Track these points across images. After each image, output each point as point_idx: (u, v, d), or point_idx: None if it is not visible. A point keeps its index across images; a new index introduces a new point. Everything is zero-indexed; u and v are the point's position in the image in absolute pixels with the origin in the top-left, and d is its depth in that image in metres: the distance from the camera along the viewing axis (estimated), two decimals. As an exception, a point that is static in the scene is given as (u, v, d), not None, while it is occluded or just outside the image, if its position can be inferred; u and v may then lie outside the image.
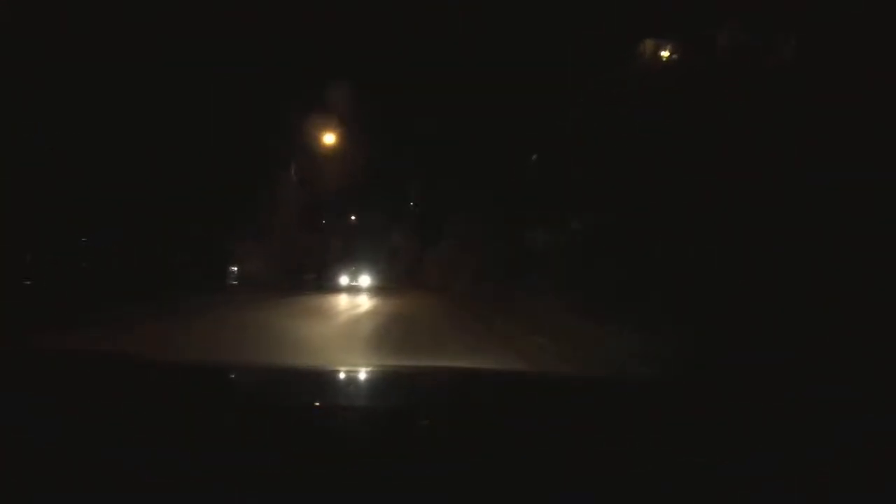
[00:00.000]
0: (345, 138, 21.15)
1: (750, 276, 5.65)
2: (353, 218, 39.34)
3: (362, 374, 1.94)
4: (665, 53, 9.33)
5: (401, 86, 20.15)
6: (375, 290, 23.55)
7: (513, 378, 2.32)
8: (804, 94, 5.44)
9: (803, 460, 0.91)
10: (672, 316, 6.06)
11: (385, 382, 1.80)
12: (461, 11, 14.31)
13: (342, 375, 1.92)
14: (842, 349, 3.72)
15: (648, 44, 9.48)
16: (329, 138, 20.69)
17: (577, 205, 11.42)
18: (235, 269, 21.93)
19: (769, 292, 5.19)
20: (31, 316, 7.71)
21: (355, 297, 18.55)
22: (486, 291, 14.27)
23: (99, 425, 0.99)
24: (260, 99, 16.95)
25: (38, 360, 1.63)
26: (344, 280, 25.56)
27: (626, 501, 0.79)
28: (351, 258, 30.08)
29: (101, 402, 1.13)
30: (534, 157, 14.25)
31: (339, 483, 0.82)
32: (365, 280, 27.06)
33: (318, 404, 1.42)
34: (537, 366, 5.35)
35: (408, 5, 17.35)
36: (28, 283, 11.98)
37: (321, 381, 1.78)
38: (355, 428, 1.07)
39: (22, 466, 0.86)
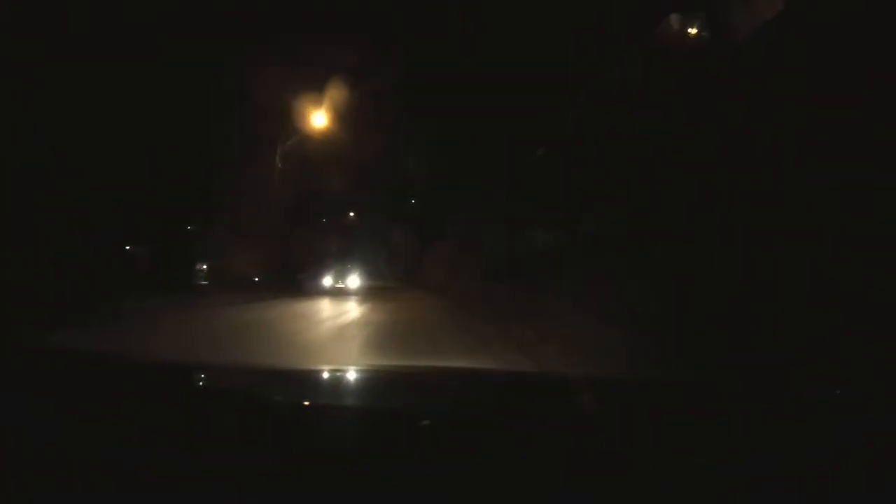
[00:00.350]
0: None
1: (750, 275, 5.65)
2: (351, 215, 39.37)
3: (362, 375, 1.94)
4: (693, 31, 8.94)
5: (401, 84, 20.01)
6: (371, 291, 21.46)
7: (513, 378, 2.33)
8: (804, 94, 5.45)
9: (803, 460, 0.91)
10: (672, 316, 6.06)
11: (385, 382, 1.81)
12: (461, 11, 14.34)
13: (342, 376, 1.93)
14: (842, 349, 3.72)
15: (674, 19, 9.04)
16: (320, 120, 18.59)
17: (579, 205, 11.42)
18: (204, 266, 19.35)
19: (769, 292, 5.19)
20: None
21: (346, 299, 16.43)
22: (490, 292, 14.13)
23: (99, 425, 0.99)
24: (250, 88, 16.16)
25: (38, 360, 1.63)
26: (328, 281, 21.07)
27: (626, 501, 0.79)
28: (346, 256, 27.15)
29: (101, 402, 1.13)
30: (539, 151, 14.09)
31: (339, 483, 0.82)
32: (354, 281, 22.79)
33: (318, 404, 1.42)
34: (538, 365, 5.35)
35: (408, 5, 17.38)
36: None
37: (321, 381, 1.79)
38: (355, 428, 1.07)
39: (22, 466, 0.86)
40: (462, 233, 21.05)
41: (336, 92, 18.14)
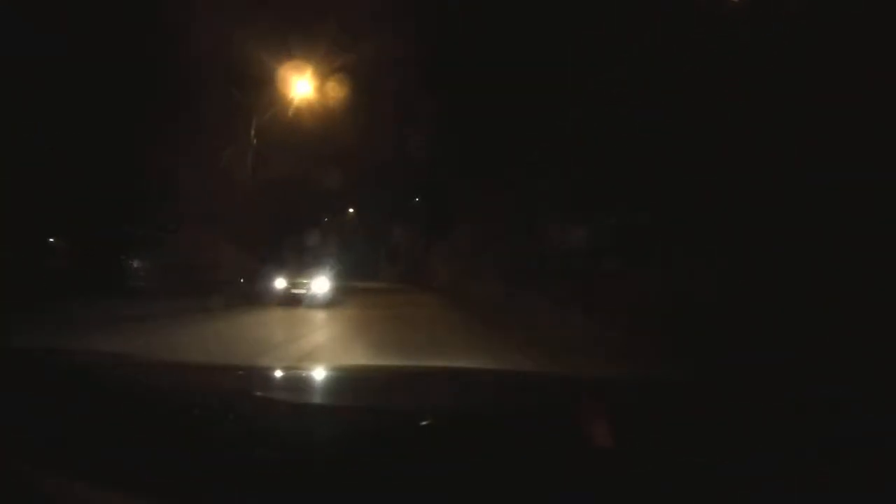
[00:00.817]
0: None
1: (750, 275, 5.65)
2: (350, 211, 38.99)
3: (362, 375, 1.94)
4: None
5: (402, 82, 19.72)
6: (363, 296, 18.02)
7: (513, 378, 2.33)
8: (804, 94, 5.44)
9: (803, 460, 0.91)
10: (674, 316, 6.06)
11: (385, 382, 1.81)
12: (461, 11, 14.27)
13: (342, 375, 1.93)
14: (842, 349, 3.72)
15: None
16: (304, 87, 15.24)
17: (580, 206, 11.36)
18: (139, 264, 15.85)
19: (769, 292, 5.19)
20: None
21: (326, 308, 12.63)
22: (514, 300, 12.68)
23: (99, 425, 0.98)
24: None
25: (38, 360, 1.63)
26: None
27: (626, 501, 0.79)
28: (339, 256, 23.35)
29: (101, 402, 1.13)
30: (539, 152, 13.70)
31: (339, 483, 0.82)
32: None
33: (317, 404, 1.42)
34: (538, 365, 5.34)
35: (408, 5, 17.31)
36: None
37: (321, 381, 1.79)
38: (355, 428, 1.07)
39: (22, 466, 0.86)
40: (473, 232, 20.54)
41: (332, 78, 15.59)
